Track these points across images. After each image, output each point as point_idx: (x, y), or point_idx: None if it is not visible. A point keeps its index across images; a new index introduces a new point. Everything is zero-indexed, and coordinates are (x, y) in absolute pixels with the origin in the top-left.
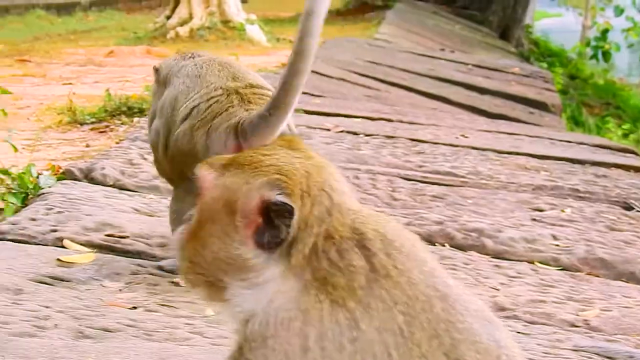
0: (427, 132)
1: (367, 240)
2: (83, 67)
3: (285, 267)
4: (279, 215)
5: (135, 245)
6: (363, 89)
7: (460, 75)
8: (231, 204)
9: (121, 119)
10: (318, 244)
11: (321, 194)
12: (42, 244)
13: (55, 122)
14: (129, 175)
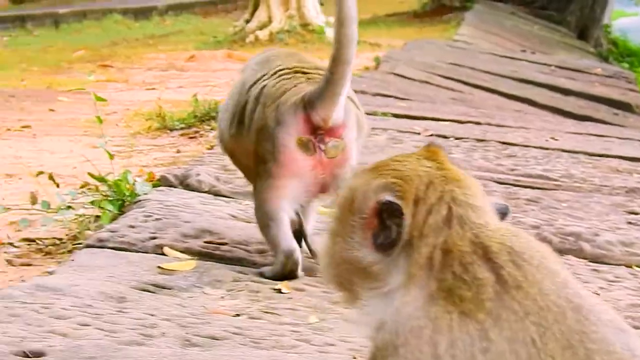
0: (517, 135)
1: (492, 253)
2: (165, 72)
3: (406, 276)
4: (390, 215)
5: (235, 252)
6: (447, 91)
7: (543, 76)
8: (352, 204)
9: (210, 124)
10: (435, 256)
11: (440, 204)
12: (142, 252)
13: (144, 128)
14: (224, 182)
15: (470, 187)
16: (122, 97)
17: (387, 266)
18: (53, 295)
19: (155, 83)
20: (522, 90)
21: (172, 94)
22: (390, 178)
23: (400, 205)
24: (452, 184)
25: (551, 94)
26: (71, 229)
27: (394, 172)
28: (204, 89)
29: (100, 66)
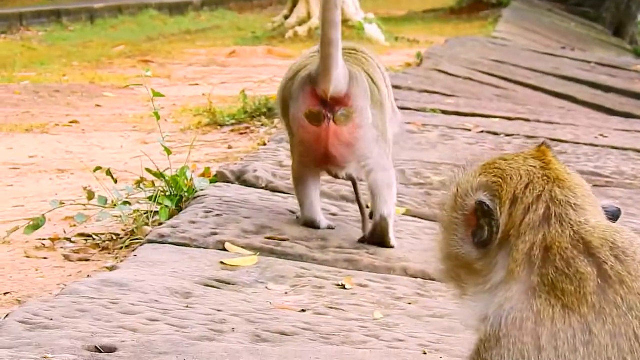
0: (567, 132)
1: (594, 248)
2: (206, 67)
3: (507, 273)
4: (484, 214)
5: (296, 248)
6: (491, 88)
7: (584, 73)
8: (456, 200)
9: (261, 120)
10: (535, 252)
11: (537, 203)
12: (204, 247)
13: (194, 124)
14: (281, 178)
15: (573, 188)
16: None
17: (489, 263)
18: (119, 291)
19: (198, 79)
20: (565, 88)
21: (217, 89)
22: (492, 177)
23: (493, 206)
24: (553, 184)
25: (593, 91)
26: (127, 225)
27: (497, 170)
28: (248, 84)
29: (140, 62)
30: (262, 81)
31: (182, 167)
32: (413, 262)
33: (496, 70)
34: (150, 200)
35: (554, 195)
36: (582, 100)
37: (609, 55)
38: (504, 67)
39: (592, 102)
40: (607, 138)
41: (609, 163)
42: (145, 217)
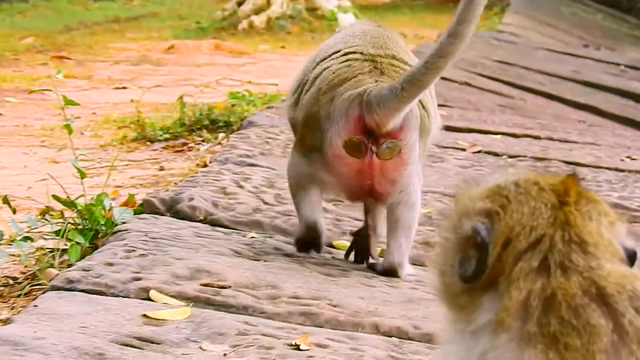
0: (585, 153)
1: (609, 297)
2: (137, 66)
3: (495, 319)
4: (476, 245)
5: (240, 298)
6: (494, 96)
7: (612, 78)
8: (453, 220)
9: (202, 135)
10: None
11: (532, 250)
12: (123, 296)
13: (117, 139)
14: (223, 208)
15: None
16: (86, 98)
17: (474, 301)
18: (13, 351)
19: (126, 80)
20: (587, 96)
21: (148, 94)
22: (496, 205)
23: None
24: (558, 228)
25: (622, 101)
26: (28, 266)
27: (503, 200)
28: (188, 89)
29: (54, 58)
30: (205, 85)
31: (99, 194)
32: (387, 316)
33: (501, 73)
34: (57, 236)
35: (553, 243)
36: (608, 112)
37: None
38: (511, 70)
39: (620, 114)
40: (636, 161)
41: (637, 193)
42: (51, 256)
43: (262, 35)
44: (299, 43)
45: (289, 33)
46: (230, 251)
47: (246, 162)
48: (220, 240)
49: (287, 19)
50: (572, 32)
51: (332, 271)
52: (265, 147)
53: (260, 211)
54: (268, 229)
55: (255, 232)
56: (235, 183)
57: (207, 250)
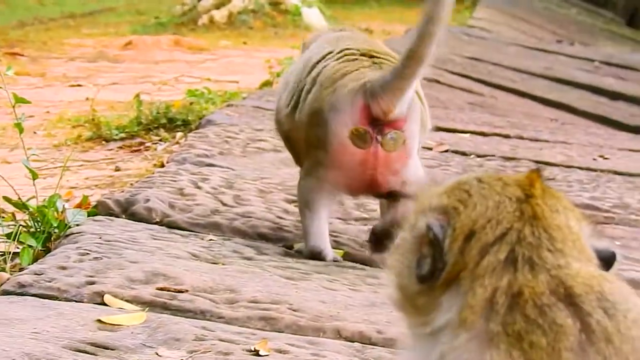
0: (556, 152)
1: (577, 297)
2: (93, 63)
3: (456, 319)
4: (430, 243)
5: (197, 302)
6: (463, 93)
7: (586, 75)
8: (412, 217)
9: (159, 133)
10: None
11: (499, 244)
12: (77, 300)
13: (72, 138)
14: (181, 210)
15: (554, 228)
16: (39, 96)
17: (432, 302)
18: None
19: (82, 78)
20: (559, 93)
21: (104, 92)
22: (454, 200)
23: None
24: (525, 222)
25: (596, 98)
26: None
27: (463, 193)
28: (146, 86)
29: (6, 54)
30: (164, 82)
31: (52, 196)
32: (349, 320)
33: (471, 70)
34: (8, 239)
35: (522, 236)
36: (581, 110)
37: (619, 51)
38: (482, 67)
39: (593, 112)
40: (608, 160)
41: (609, 193)
42: (2, 260)
43: (223, 30)
44: (261, 38)
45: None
46: (188, 254)
47: (204, 162)
48: (177, 242)
49: (249, 13)
50: (545, 27)
51: (292, 274)
52: (224, 146)
53: (219, 213)
54: (227, 231)
55: (213, 234)
56: (193, 184)
57: (163, 253)
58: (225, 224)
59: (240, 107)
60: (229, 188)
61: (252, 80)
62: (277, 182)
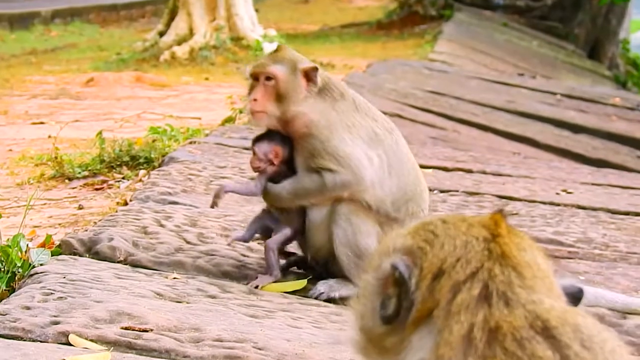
0: (519, 187)
1: (554, 329)
2: (55, 100)
3: (432, 356)
4: (395, 283)
5: (162, 341)
6: (425, 127)
7: (547, 108)
8: (375, 258)
9: (122, 171)
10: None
11: (471, 281)
12: (41, 341)
13: (34, 177)
14: (145, 248)
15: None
16: (2, 134)
17: (399, 343)
18: None
19: (44, 115)
20: (522, 127)
21: (67, 130)
22: (420, 240)
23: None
24: (494, 261)
25: (558, 132)
26: None
27: (428, 234)
28: (108, 123)
29: None
30: (126, 119)
31: (16, 235)
32: (314, 359)
33: (433, 104)
34: None
35: (493, 274)
36: (544, 144)
37: (581, 84)
38: (443, 101)
39: (556, 145)
40: (571, 194)
41: (572, 227)
42: None
43: (185, 66)
44: (223, 74)
45: (213, 64)
46: (152, 293)
47: (168, 200)
48: (142, 281)
49: (211, 49)
50: (507, 60)
51: (257, 312)
52: (187, 184)
53: (183, 251)
54: (190, 269)
55: (177, 272)
56: (156, 222)
57: (127, 292)
58: (189, 262)
59: (202, 144)
60: (192, 226)
61: (215, 117)
62: (240, 220)
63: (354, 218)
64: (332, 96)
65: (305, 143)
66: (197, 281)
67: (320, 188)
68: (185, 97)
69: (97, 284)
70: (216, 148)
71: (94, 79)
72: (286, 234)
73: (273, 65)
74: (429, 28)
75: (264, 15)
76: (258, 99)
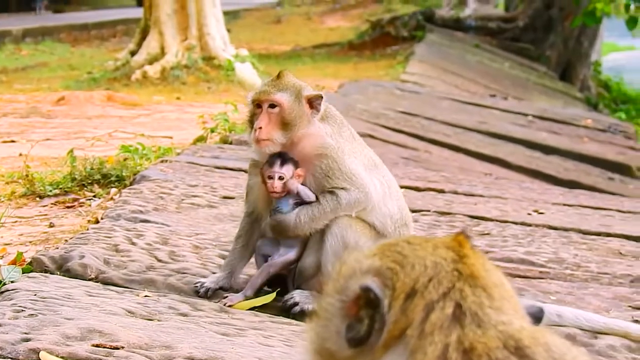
0: (491, 207)
1: (527, 349)
2: (26, 118)
3: None
4: (368, 304)
5: (133, 359)
6: (397, 148)
7: (519, 129)
8: (338, 282)
9: (93, 190)
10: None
11: (444, 300)
12: (12, 358)
13: (5, 195)
14: (116, 266)
15: (489, 287)
16: None
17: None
18: None
19: (14, 134)
20: (493, 148)
21: (38, 148)
22: (389, 261)
23: (381, 296)
24: (464, 281)
25: (529, 153)
26: None
27: (397, 255)
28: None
29: None
30: (97, 138)
31: None
32: None
33: (405, 124)
34: None
35: (464, 294)
36: (515, 165)
37: (552, 105)
38: (415, 121)
39: (527, 166)
40: (543, 215)
41: (544, 247)
42: None
43: (157, 85)
44: (194, 93)
45: (184, 83)
46: (123, 310)
47: (139, 218)
48: (113, 299)
49: (182, 68)
50: (479, 81)
51: (228, 330)
52: (158, 202)
53: (154, 269)
54: (162, 287)
55: (148, 290)
56: (127, 240)
57: (99, 309)
58: (160, 280)
59: (174, 163)
60: (163, 244)
61: (186, 136)
62: (212, 238)
63: (350, 230)
64: (335, 122)
65: (319, 163)
66: (169, 299)
67: (335, 208)
68: (157, 116)
69: (68, 302)
70: (188, 167)
71: (65, 97)
72: (289, 258)
73: (278, 93)
74: (401, 49)
75: (235, 35)
76: (263, 127)
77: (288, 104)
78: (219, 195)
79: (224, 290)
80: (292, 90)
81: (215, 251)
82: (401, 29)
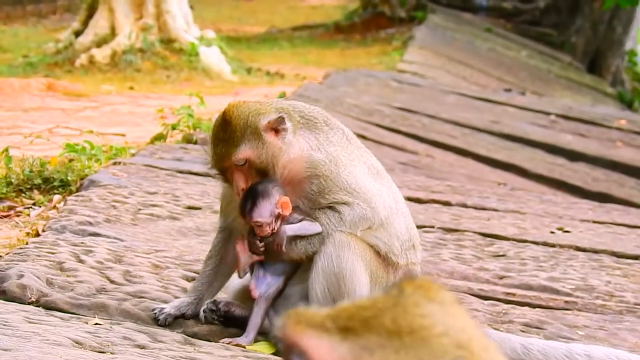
0: (507, 223)
1: None
2: None
3: None
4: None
5: None
6: (393, 151)
7: (539, 131)
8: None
9: (32, 196)
10: None
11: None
12: None
13: None
14: (61, 288)
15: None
16: None
17: None
18: None
19: None
20: (508, 152)
21: None
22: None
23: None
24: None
25: (551, 159)
26: None
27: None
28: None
29: None
30: (37, 134)
31: None
32: None
33: (402, 123)
34: None
35: None
36: (534, 173)
37: (579, 102)
38: (415, 119)
39: (549, 175)
40: (569, 234)
41: (570, 272)
42: None
43: (106, 72)
44: (150, 83)
45: (139, 70)
46: (69, 341)
47: (88, 231)
48: (57, 327)
49: (137, 53)
50: (491, 73)
51: None
52: (111, 212)
53: (106, 292)
54: (115, 313)
55: (99, 317)
56: (74, 257)
57: (40, 339)
58: (113, 305)
59: (129, 166)
60: (117, 262)
61: (142, 133)
62: (174, 256)
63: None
64: (318, 127)
65: (311, 185)
66: (123, 328)
67: (337, 227)
68: (106, 109)
69: (4, 329)
70: (145, 170)
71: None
72: (278, 287)
73: (235, 150)
74: (398, 32)
75: (199, 13)
76: (244, 186)
77: (253, 153)
78: (183, 205)
79: (187, 318)
80: (248, 135)
81: (178, 271)
82: (398, 8)
